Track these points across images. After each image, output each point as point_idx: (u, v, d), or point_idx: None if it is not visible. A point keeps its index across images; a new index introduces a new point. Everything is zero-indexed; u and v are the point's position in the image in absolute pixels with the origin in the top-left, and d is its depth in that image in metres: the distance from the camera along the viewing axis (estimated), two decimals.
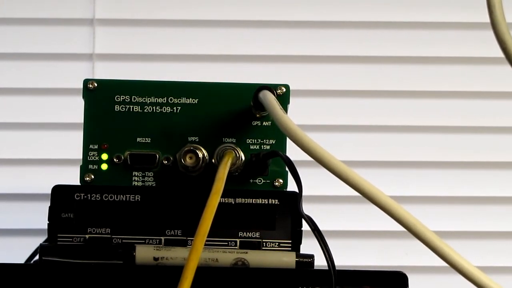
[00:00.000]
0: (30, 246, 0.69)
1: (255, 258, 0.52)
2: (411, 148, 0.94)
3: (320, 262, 0.51)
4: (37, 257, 0.53)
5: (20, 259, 0.70)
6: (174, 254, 0.51)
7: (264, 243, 0.54)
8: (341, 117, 0.94)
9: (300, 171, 0.52)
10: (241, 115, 0.55)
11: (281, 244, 0.54)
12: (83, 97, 0.56)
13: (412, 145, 0.94)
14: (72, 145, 0.73)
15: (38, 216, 0.87)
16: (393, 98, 0.94)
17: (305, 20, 0.95)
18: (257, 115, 0.55)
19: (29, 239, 0.88)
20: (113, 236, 0.53)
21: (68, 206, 0.53)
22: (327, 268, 0.49)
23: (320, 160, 0.46)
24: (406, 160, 0.94)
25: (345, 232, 0.92)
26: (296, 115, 0.55)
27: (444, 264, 0.44)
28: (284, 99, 0.55)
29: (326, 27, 0.95)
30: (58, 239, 0.53)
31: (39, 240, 0.60)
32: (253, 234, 0.54)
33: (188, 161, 0.54)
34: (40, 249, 0.52)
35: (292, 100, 0.56)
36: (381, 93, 0.94)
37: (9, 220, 0.92)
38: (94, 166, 0.55)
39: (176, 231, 0.54)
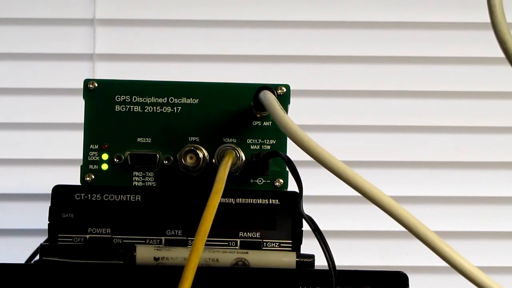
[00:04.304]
0: (30, 246, 0.69)
1: (255, 258, 0.52)
2: (411, 148, 0.94)
3: (320, 262, 0.51)
4: (37, 257, 0.53)
5: (21, 259, 0.70)
6: (175, 254, 0.52)
7: (265, 243, 0.54)
8: (341, 117, 0.94)
9: (301, 171, 0.52)
10: (242, 115, 0.55)
11: (281, 244, 0.54)
12: (83, 97, 0.56)
13: (412, 145, 0.94)
14: (72, 145, 0.73)
15: (38, 216, 0.87)
16: (393, 98, 0.94)
17: (305, 20, 0.95)
18: (258, 115, 0.55)
19: (29, 239, 0.88)
20: (113, 236, 0.54)
21: (68, 206, 0.53)
22: (327, 268, 0.49)
23: (320, 160, 0.46)
24: (406, 160, 0.94)
25: (345, 232, 0.92)
26: (296, 115, 0.55)
27: (445, 264, 0.44)
28: (284, 99, 0.55)
29: (326, 27, 0.95)
30: (59, 239, 0.53)
31: (40, 240, 0.60)
32: (254, 234, 0.54)
33: (189, 161, 0.54)
34: (41, 249, 0.52)
35: (292, 100, 0.56)
36: (381, 93, 0.94)
37: (9, 220, 0.92)
38: (95, 166, 0.55)
39: (176, 231, 0.54)
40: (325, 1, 0.95)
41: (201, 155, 0.54)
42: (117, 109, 0.55)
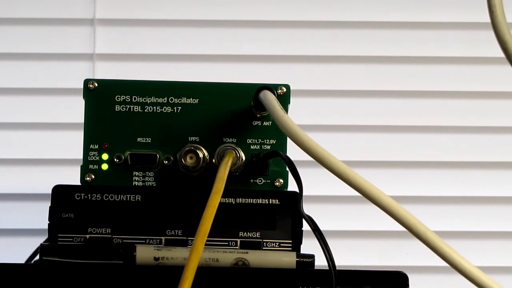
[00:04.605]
0: (30, 246, 0.69)
1: (255, 258, 0.52)
2: (411, 148, 0.94)
3: (320, 262, 0.51)
4: (37, 257, 0.53)
5: (21, 259, 0.70)
6: (175, 254, 0.52)
7: (265, 243, 0.54)
8: (341, 117, 0.94)
9: (301, 171, 0.52)
10: (242, 115, 0.55)
11: (281, 244, 0.54)
12: (83, 97, 0.56)
13: (412, 145, 0.94)
14: (73, 145, 0.73)
15: (38, 216, 0.87)
16: (393, 98, 0.94)
17: (305, 20, 0.95)
18: (258, 115, 0.55)
19: (29, 239, 0.88)
20: (113, 236, 0.54)
21: (68, 206, 0.54)
22: (327, 268, 0.49)
23: (320, 160, 0.46)
24: (406, 160, 0.94)
25: (345, 232, 0.92)
26: (296, 115, 0.55)
27: (445, 264, 0.44)
28: (284, 99, 0.55)
29: (326, 27, 0.95)
30: (59, 239, 0.53)
31: (39, 240, 0.60)
32: (254, 234, 0.54)
33: (189, 161, 0.54)
34: (41, 249, 0.52)
35: (292, 100, 0.56)
36: (381, 93, 0.94)
37: (9, 220, 0.92)
38: (95, 166, 0.55)
39: (176, 231, 0.54)
40: (325, 1, 0.95)
41: (201, 155, 0.54)
42: (117, 109, 0.55)
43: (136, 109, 0.55)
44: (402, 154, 0.94)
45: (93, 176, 0.55)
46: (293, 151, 0.53)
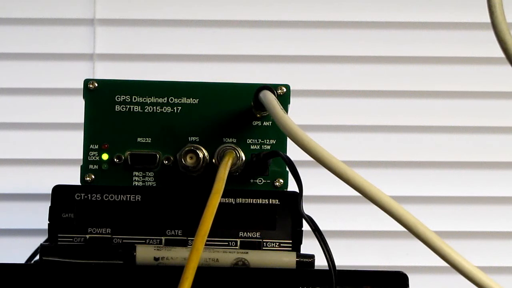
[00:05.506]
0: (30, 246, 0.69)
1: (255, 258, 0.52)
2: (412, 148, 0.94)
3: (320, 262, 0.51)
4: (37, 257, 0.53)
5: (20, 259, 0.70)
6: (175, 254, 0.52)
7: (265, 243, 0.54)
8: (341, 117, 0.94)
9: (301, 171, 0.52)
10: (242, 115, 0.55)
11: (281, 244, 0.54)
12: (83, 97, 0.56)
13: (412, 145, 0.94)
14: (73, 145, 0.73)
15: (38, 216, 0.87)
16: (393, 98, 0.94)
17: (305, 20, 0.95)
18: (258, 115, 0.55)
19: (29, 239, 0.88)
20: (113, 236, 0.54)
21: (68, 206, 0.53)
22: (327, 268, 0.49)
23: (320, 160, 0.46)
24: (406, 160, 0.94)
25: (345, 232, 0.92)
26: (296, 115, 0.55)
27: (445, 264, 0.44)
28: (284, 99, 0.55)
29: (326, 27, 0.95)
30: (59, 239, 0.53)
31: (39, 240, 0.60)
32: (254, 234, 0.54)
33: (189, 161, 0.54)
34: (41, 249, 0.52)
35: (292, 100, 0.56)
36: (381, 93, 0.94)
37: (9, 220, 0.92)
38: (95, 166, 0.55)
39: (176, 231, 0.54)
40: (324, 1, 0.95)
41: (201, 155, 0.54)
42: (117, 109, 0.55)
43: (136, 109, 0.55)
44: (402, 154, 0.94)
45: (93, 176, 0.55)
46: (293, 151, 0.53)
